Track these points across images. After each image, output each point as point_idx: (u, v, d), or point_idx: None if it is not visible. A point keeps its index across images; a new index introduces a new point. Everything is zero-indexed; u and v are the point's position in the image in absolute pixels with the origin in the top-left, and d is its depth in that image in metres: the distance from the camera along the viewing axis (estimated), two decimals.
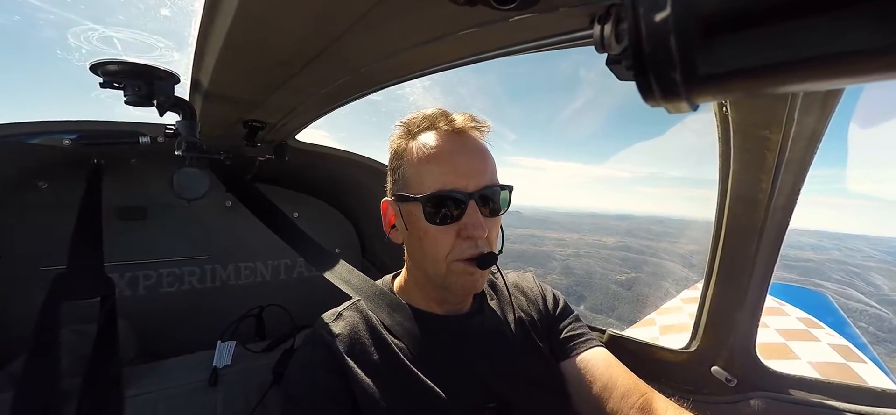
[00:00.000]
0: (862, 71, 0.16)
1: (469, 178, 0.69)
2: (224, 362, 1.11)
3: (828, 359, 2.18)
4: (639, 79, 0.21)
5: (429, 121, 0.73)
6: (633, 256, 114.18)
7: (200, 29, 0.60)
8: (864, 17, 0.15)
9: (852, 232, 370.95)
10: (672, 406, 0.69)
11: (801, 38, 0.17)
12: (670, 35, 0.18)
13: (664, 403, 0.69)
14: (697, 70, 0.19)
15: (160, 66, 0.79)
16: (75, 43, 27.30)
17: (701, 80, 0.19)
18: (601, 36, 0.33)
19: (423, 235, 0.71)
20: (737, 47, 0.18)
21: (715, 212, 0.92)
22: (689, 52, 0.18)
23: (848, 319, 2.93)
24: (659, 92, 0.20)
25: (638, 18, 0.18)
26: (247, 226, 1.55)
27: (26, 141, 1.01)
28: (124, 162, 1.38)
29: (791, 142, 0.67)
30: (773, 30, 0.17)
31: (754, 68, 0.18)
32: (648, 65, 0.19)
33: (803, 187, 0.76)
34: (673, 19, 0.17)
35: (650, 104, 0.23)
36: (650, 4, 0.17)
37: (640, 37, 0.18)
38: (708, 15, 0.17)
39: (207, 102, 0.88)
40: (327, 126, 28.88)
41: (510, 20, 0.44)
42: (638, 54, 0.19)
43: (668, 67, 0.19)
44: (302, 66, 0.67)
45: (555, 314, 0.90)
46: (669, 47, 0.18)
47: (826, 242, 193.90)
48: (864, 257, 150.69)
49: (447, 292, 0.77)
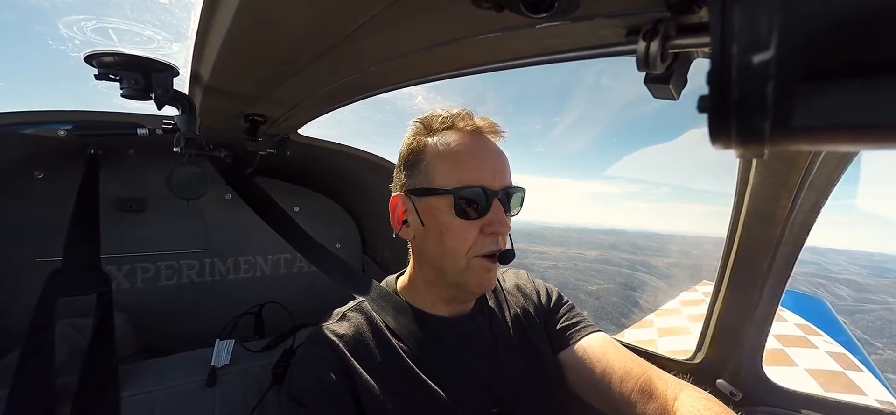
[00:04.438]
0: None
1: (495, 176, 0.72)
2: (222, 361, 1.09)
3: (825, 367, 2.19)
4: (715, 122, 0.18)
5: (451, 120, 0.75)
6: (609, 269, 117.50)
7: (201, 21, 0.56)
8: None
9: (835, 247, 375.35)
10: (672, 381, 0.70)
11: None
12: (769, 80, 0.15)
13: (663, 380, 0.71)
14: (792, 121, 0.16)
15: (158, 59, 0.75)
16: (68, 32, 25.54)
17: (792, 132, 0.16)
18: (646, 53, 0.30)
19: (446, 229, 0.71)
20: (844, 99, 0.15)
21: (728, 224, 0.89)
22: (787, 100, 0.15)
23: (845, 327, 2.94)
24: (738, 138, 0.18)
25: (728, 58, 0.15)
26: (247, 220, 1.52)
27: (20, 131, 0.97)
28: (122, 153, 1.34)
29: (820, 161, 0.64)
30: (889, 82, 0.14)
31: (859, 125, 0.15)
32: (733, 110, 0.16)
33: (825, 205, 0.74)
34: (776, 63, 0.14)
35: (718, 147, 0.20)
36: (748, 42, 0.15)
37: (729, 78, 0.16)
38: (821, 58, 0.14)
39: (208, 96, 0.84)
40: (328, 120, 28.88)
41: (537, 27, 0.41)
42: (721, 97, 0.16)
43: (759, 115, 0.16)
44: (308, 62, 0.63)
45: (549, 307, 0.92)
46: (765, 94, 0.15)
47: (805, 255, 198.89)
48: (840, 270, 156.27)
49: (460, 290, 0.77)
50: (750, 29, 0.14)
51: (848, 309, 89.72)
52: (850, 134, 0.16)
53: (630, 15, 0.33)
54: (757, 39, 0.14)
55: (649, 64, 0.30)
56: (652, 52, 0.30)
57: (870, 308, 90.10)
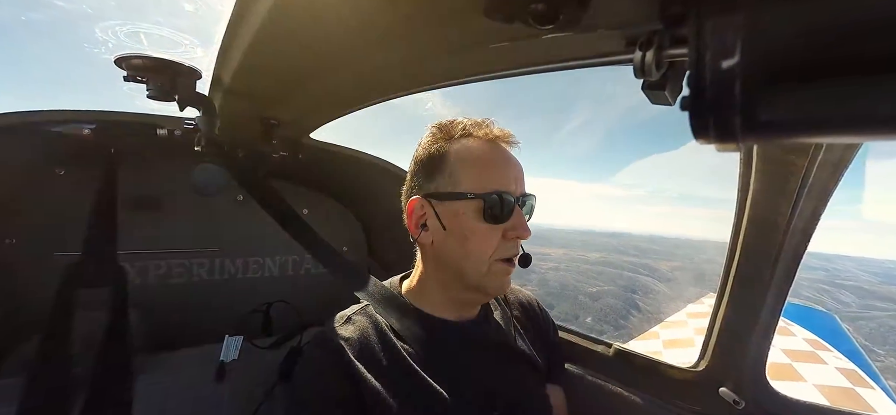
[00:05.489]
0: None
1: (516, 183, 0.75)
2: (231, 356, 1.12)
3: (835, 383, 2.15)
4: (695, 120, 0.20)
5: (471, 128, 0.77)
6: (610, 271, 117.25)
7: (228, 28, 0.60)
8: None
9: (845, 254, 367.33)
10: None
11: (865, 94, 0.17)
12: (736, 81, 0.17)
13: None
14: (758, 116, 0.19)
15: (183, 62, 0.79)
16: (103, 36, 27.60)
17: (760, 127, 0.19)
18: (642, 62, 0.33)
19: (471, 233, 0.72)
20: (802, 96, 0.18)
21: (730, 232, 0.91)
22: (753, 99, 0.18)
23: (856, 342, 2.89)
24: (715, 134, 0.20)
25: (702, 63, 0.18)
26: (256, 221, 1.56)
27: (49, 129, 1.02)
28: (140, 153, 1.40)
29: (816, 168, 0.66)
30: (841, 82, 0.17)
31: (817, 118, 0.18)
32: (708, 108, 0.19)
33: (824, 212, 0.75)
34: (741, 67, 0.17)
35: (700, 142, 0.23)
36: (718, 51, 0.17)
37: (704, 81, 0.18)
38: (778, 64, 0.17)
39: (227, 99, 0.88)
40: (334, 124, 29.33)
41: (544, 38, 0.44)
42: (698, 97, 0.19)
43: (729, 113, 0.18)
44: (325, 70, 0.67)
45: (552, 341, 0.98)
46: (733, 93, 0.18)
47: (814, 262, 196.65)
48: (848, 277, 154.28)
49: (478, 293, 0.79)
50: (719, 40, 0.17)
51: (851, 315, 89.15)
52: (810, 128, 0.19)
53: (628, 27, 0.36)
54: (725, 48, 0.17)
55: (645, 71, 0.33)
56: (647, 61, 0.33)
57: (874, 315, 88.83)
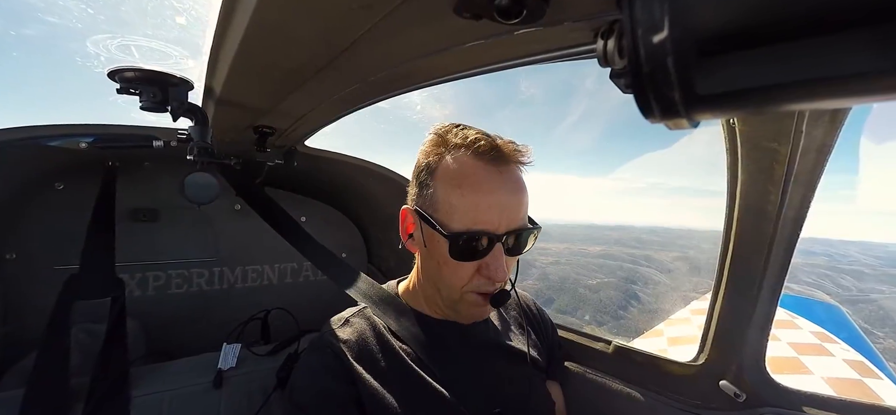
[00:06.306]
0: (855, 93, 0.16)
1: (502, 218, 0.66)
2: (229, 364, 1.12)
3: (842, 375, 2.12)
4: (638, 97, 0.21)
5: (470, 139, 0.68)
6: (610, 263, 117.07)
7: (214, 38, 0.62)
8: (860, 41, 0.15)
9: (848, 238, 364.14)
10: None
11: (796, 60, 0.17)
12: (668, 56, 0.18)
13: None
14: (696, 90, 0.19)
15: (175, 73, 0.81)
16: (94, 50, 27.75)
17: (700, 100, 0.19)
18: (604, 51, 0.34)
19: (443, 263, 0.69)
20: (735, 68, 0.18)
21: (723, 223, 0.90)
22: (688, 73, 0.18)
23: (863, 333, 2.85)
24: (658, 110, 0.21)
25: (636, 39, 0.19)
26: (254, 230, 1.57)
27: (46, 143, 1.04)
28: (138, 165, 1.41)
29: (800, 155, 0.66)
30: (770, 51, 0.17)
31: (752, 89, 0.19)
32: (647, 84, 0.20)
33: (814, 199, 0.75)
34: (670, 41, 0.18)
35: (650, 121, 0.23)
36: (648, 26, 0.18)
37: (639, 57, 0.19)
38: (705, 36, 0.17)
39: (219, 108, 0.90)
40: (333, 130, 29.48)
41: (516, 34, 0.45)
42: (636, 74, 0.20)
43: (667, 87, 0.19)
44: (312, 74, 0.68)
45: (551, 340, 0.97)
46: (667, 68, 0.18)
47: (817, 247, 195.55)
48: (850, 262, 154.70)
49: (454, 314, 0.78)
50: (648, 14, 0.18)
51: (851, 298, 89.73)
52: (749, 98, 0.19)
53: (592, 18, 0.37)
54: (654, 23, 0.18)
55: (609, 60, 0.34)
56: (610, 49, 0.34)
57: (874, 298, 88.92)
